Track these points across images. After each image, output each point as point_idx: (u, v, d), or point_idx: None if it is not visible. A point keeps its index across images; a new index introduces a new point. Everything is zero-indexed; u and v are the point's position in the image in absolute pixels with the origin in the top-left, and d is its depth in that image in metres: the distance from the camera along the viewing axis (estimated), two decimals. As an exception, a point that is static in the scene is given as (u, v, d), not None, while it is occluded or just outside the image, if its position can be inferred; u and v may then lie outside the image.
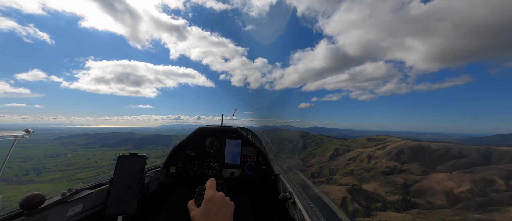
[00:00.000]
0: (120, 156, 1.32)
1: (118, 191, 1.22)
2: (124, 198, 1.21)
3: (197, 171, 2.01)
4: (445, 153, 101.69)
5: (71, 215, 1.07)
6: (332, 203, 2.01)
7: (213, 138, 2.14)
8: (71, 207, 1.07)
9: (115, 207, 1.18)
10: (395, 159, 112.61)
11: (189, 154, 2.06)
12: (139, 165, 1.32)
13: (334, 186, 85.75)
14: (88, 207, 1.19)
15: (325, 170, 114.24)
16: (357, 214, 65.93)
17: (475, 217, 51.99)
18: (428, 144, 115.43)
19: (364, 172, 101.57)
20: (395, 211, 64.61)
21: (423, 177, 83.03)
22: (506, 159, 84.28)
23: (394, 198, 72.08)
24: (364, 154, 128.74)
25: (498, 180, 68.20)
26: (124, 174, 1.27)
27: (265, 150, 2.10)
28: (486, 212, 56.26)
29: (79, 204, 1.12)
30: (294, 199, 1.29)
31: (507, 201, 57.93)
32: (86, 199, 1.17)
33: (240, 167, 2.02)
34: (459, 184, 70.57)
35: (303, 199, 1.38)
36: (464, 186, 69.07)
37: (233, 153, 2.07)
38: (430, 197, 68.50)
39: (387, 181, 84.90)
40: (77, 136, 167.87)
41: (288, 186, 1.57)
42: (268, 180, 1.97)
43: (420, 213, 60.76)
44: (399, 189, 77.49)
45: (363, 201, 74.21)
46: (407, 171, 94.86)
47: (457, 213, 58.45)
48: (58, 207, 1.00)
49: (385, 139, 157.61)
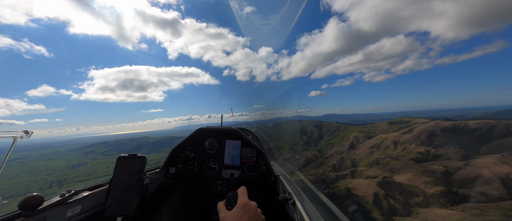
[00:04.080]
0: (119, 157, 1.33)
1: (117, 192, 1.22)
2: (124, 199, 1.22)
3: (196, 171, 2.01)
4: (488, 132, 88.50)
5: (70, 216, 1.08)
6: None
7: (213, 139, 2.13)
8: (70, 208, 1.09)
9: (115, 208, 1.18)
10: (426, 143, 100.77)
11: (189, 155, 2.06)
12: (139, 166, 1.32)
13: (361, 180, 76.95)
14: (87, 208, 1.20)
15: (347, 161, 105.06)
16: (395, 213, 57.38)
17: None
18: (464, 123, 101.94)
19: (392, 161, 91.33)
20: (441, 207, 55.16)
21: (466, 163, 71.91)
22: None
23: (436, 190, 62.25)
24: (388, 140, 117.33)
25: None
26: (124, 175, 1.28)
27: (264, 151, 2.07)
28: None
29: (78, 205, 1.14)
30: (294, 200, 1.30)
31: None
32: (85, 200, 1.18)
33: (240, 168, 2.02)
34: (516, 169, 59.10)
35: (303, 200, 1.38)
36: (524, 170, 57.64)
37: (232, 154, 2.07)
38: (482, 187, 57.97)
39: (423, 170, 74.59)
40: (97, 144, 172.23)
41: (288, 187, 1.59)
42: (268, 181, 1.97)
43: (475, 208, 51.00)
44: (440, 178, 67.27)
45: (399, 195, 65.07)
46: (444, 156, 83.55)
47: (523, 205, 48.05)
48: (57, 208, 1.02)
49: (410, 121, 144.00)
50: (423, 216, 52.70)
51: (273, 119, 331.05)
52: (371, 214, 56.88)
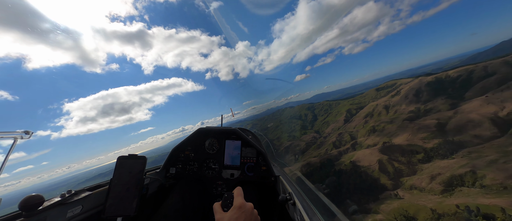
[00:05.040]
0: (119, 157, 1.33)
1: (117, 192, 1.23)
2: (124, 199, 1.23)
3: (196, 172, 2.01)
4: (469, 77, 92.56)
5: (70, 216, 1.09)
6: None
7: (213, 139, 2.13)
8: (70, 208, 1.09)
9: (115, 208, 1.19)
10: (415, 101, 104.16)
11: (189, 155, 2.06)
12: (139, 166, 1.34)
13: (363, 151, 78.23)
14: (88, 208, 1.21)
15: (346, 136, 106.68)
16: (401, 174, 58.73)
17: (545, 138, 43.88)
18: (445, 74, 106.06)
19: (387, 125, 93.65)
20: (442, 158, 57.08)
21: (455, 111, 74.81)
22: (543, 62, 75.20)
23: (434, 143, 64.41)
24: (379, 106, 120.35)
25: (547, 87, 59.55)
26: (124, 175, 1.29)
27: (264, 151, 2.08)
28: (551, 127, 48.10)
29: (78, 205, 1.14)
30: (294, 200, 1.31)
31: None
32: (85, 201, 1.19)
33: (240, 168, 2.02)
34: (501, 106, 62.06)
35: (303, 200, 1.40)
36: (508, 106, 60.56)
37: (232, 154, 2.07)
38: (474, 130, 60.53)
39: (418, 127, 76.96)
40: (93, 178, 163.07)
41: (288, 187, 1.59)
42: (268, 181, 1.97)
43: (472, 152, 53.09)
44: (435, 132, 69.65)
45: (401, 157, 66.76)
46: (433, 110, 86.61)
47: (514, 139, 50.50)
48: (57, 208, 1.03)
49: (395, 84, 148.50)
50: (428, 171, 54.26)
51: (265, 111, 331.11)
52: (379, 182, 57.92)
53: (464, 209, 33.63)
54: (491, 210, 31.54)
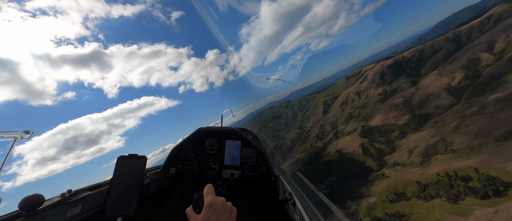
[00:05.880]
0: (119, 157, 1.33)
1: (117, 192, 1.24)
2: (124, 199, 1.23)
3: (197, 172, 2.02)
4: (421, 55, 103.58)
5: (70, 216, 1.09)
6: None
7: (213, 139, 2.14)
8: (70, 208, 1.10)
9: (115, 208, 1.19)
10: (381, 84, 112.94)
11: (189, 155, 2.06)
12: (139, 166, 1.33)
13: (345, 138, 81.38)
14: (88, 208, 1.21)
15: (327, 127, 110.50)
16: (383, 154, 62.02)
17: (491, 98, 50.19)
18: (401, 55, 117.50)
19: (362, 110, 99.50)
20: (414, 132, 61.90)
21: (416, 87, 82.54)
22: (474, 34, 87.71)
23: (405, 119, 69.76)
24: (352, 93, 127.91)
25: (483, 55, 69.16)
26: (124, 175, 1.29)
27: (265, 151, 2.09)
28: (493, 91, 55.34)
29: (78, 205, 1.15)
30: (294, 200, 1.32)
31: (504, 70, 57.98)
32: (85, 200, 1.19)
33: (240, 168, 2.03)
34: (452, 76, 70.15)
35: (303, 200, 1.39)
36: (457, 76, 68.66)
37: (232, 154, 2.08)
38: (435, 102, 67.17)
39: (388, 107, 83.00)
40: None
41: (288, 187, 1.60)
42: (268, 181, 1.98)
43: (438, 121, 58.53)
44: (404, 108, 75.71)
45: (380, 137, 70.80)
46: (398, 89, 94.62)
47: (468, 103, 57.02)
48: (57, 208, 1.03)
49: (361, 71, 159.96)
50: (405, 146, 58.13)
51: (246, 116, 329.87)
52: (366, 165, 60.28)
53: (444, 175, 36.12)
54: (466, 172, 34.37)
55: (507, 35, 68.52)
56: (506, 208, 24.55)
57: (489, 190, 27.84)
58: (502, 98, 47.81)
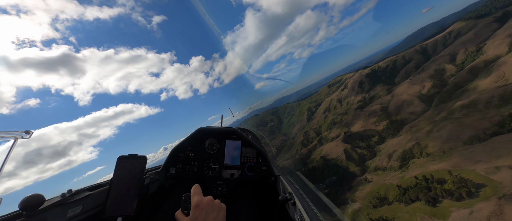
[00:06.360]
0: (119, 157, 1.33)
1: (117, 192, 1.24)
2: (124, 199, 1.23)
3: (197, 172, 2.03)
4: (394, 65, 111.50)
5: (71, 216, 1.10)
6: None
7: (213, 139, 2.15)
8: (70, 208, 1.10)
9: (115, 208, 1.20)
10: (360, 92, 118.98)
11: (189, 155, 2.08)
12: (139, 166, 1.34)
13: (329, 144, 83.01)
14: (88, 208, 1.21)
15: (311, 133, 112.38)
16: (365, 159, 63.96)
17: (457, 105, 54.79)
18: (377, 65, 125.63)
19: (344, 116, 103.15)
20: (392, 137, 65.10)
21: (392, 95, 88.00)
22: (439, 47, 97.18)
23: (383, 125, 73.33)
24: (334, 101, 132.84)
25: (447, 66, 76.33)
26: (124, 175, 1.29)
27: (265, 151, 2.10)
28: (458, 98, 60.62)
29: (78, 205, 1.15)
30: (294, 200, 1.32)
31: (466, 79, 64.21)
32: (85, 200, 1.20)
33: (240, 168, 2.05)
34: (422, 85, 75.95)
35: (303, 200, 1.39)
36: (426, 85, 74.51)
37: (233, 154, 2.10)
38: (409, 108, 71.84)
39: (368, 113, 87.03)
40: None
41: (288, 187, 1.62)
42: (268, 181, 2.00)
43: (412, 127, 62.28)
44: (382, 115, 79.84)
45: (361, 143, 73.27)
46: (376, 96, 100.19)
47: (437, 110, 61.69)
48: (58, 208, 1.04)
49: (342, 79, 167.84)
50: (385, 151, 60.57)
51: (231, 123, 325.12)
52: (349, 170, 61.46)
53: (422, 178, 37.70)
54: (441, 175, 36.26)
55: (466, 48, 76.70)
56: (480, 209, 25.88)
57: (463, 191, 29.36)
58: (466, 105, 52.39)
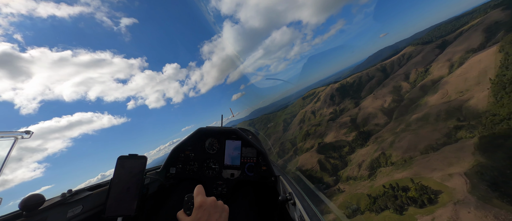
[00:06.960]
0: (120, 157, 1.33)
1: (117, 192, 1.24)
2: (124, 199, 1.23)
3: (197, 172, 2.04)
4: (360, 81, 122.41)
5: (71, 216, 1.09)
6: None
7: (213, 139, 2.16)
8: (70, 208, 1.10)
9: (115, 208, 1.20)
10: (332, 104, 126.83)
11: (189, 155, 2.09)
12: (139, 166, 1.33)
13: (304, 154, 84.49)
14: (88, 208, 1.21)
15: (287, 144, 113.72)
16: (337, 169, 66.30)
17: (413, 118, 61.35)
18: (346, 80, 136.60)
19: (317, 128, 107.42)
20: (361, 147, 69.38)
21: (359, 108, 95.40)
22: (395, 67, 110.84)
23: (353, 136, 78.06)
24: (308, 112, 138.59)
25: (403, 83, 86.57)
26: (124, 175, 1.29)
27: (265, 151, 2.10)
28: (414, 111, 68.28)
29: (78, 205, 1.15)
30: (294, 200, 1.32)
31: (418, 95, 73.19)
32: (85, 200, 1.20)
33: (240, 168, 2.05)
34: (384, 99, 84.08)
35: (303, 200, 1.42)
36: (387, 99, 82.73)
37: (233, 154, 2.10)
38: (374, 120, 78.24)
39: (339, 125, 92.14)
40: None
41: (288, 187, 1.61)
42: (268, 181, 1.99)
43: (378, 137, 67.43)
44: (351, 126, 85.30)
45: (334, 153, 76.29)
46: (345, 109, 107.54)
47: (397, 122, 68.26)
48: (58, 208, 1.03)
49: (315, 92, 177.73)
50: (355, 161, 63.72)
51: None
52: (323, 180, 62.67)
53: (389, 187, 39.91)
54: (405, 182, 38.95)
55: (417, 69, 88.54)
56: (440, 215, 27.82)
57: (425, 198, 31.58)
58: (420, 118, 59.01)
